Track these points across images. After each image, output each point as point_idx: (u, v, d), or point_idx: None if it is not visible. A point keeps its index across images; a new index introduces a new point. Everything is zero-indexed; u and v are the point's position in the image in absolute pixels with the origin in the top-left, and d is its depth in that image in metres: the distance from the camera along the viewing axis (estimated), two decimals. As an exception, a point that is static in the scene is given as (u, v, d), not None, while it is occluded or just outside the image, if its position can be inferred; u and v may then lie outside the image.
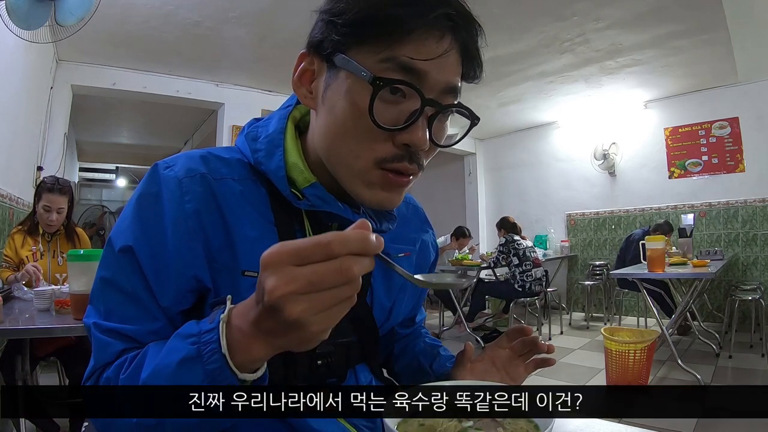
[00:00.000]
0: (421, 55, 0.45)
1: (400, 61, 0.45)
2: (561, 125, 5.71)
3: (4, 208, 2.58)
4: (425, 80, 0.46)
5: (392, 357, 0.76)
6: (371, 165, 0.48)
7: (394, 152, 0.48)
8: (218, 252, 0.50)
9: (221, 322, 0.39)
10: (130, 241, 0.49)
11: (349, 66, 0.46)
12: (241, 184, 0.53)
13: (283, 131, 0.55)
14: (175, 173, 0.51)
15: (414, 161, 0.49)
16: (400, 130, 0.46)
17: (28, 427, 1.76)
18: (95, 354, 0.48)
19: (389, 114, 0.46)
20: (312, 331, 0.34)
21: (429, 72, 0.46)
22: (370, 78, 0.45)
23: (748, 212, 4.46)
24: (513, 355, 0.63)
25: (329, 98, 0.49)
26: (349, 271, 0.33)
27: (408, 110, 0.46)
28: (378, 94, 0.45)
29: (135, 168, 8.43)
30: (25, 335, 1.54)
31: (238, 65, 3.94)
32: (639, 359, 2.66)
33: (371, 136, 0.47)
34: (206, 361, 0.39)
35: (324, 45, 0.48)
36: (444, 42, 0.46)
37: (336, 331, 0.57)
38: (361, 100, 0.46)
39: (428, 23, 0.45)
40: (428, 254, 0.73)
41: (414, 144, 0.47)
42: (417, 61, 0.45)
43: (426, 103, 0.46)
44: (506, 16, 3.17)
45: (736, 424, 2.20)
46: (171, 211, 0.49)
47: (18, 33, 2.07)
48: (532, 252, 4.11)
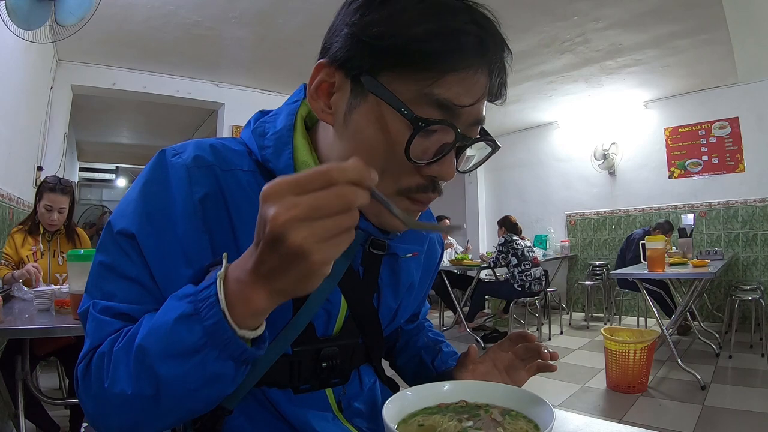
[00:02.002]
0: (461, 94, 0.44)
1: (438, 99, 0.43)
2: (561, 125, 5.71)
3: (4, 208, 2.58)
4: (460, 117, 0.45)
5: (395, 351, 0.76)
6: (393, 193, 0.48)
7: (419, 183, 0.47)
8: (222, 248, 0.49)
9: (218, 278, 0.38)
10: (133, 228, 0.46)
11: (383, 94, 0.44)
12: (248, 175, 0.52)
13: (291, 128, 0.54)
14: (184, 160, 0.49)
15: (437, 190, 0.49)
16: (429, 164, 0.46)
17: (28, 427, 1.76)
18: (91, 335, 0.45)
19: (419, 147, 0.45)
20: (314, 261, 0.33)
21: (465, 109, 0.45)
22: (411, 117, 0.43)
23: (748, 212, 4.46)
24: (515, 359, 0.63)
25: (355, 121, 0.47)
26: (348, 197, 0.32)
27: (438, 142, 0.46)
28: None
29: (135, 168, 8.44)
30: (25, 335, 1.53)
31: (238, 65, 3.94)
32: (639, 359, 2.66)
33: (400, 168, 0.46)
34: (204, 317, 0.37)
35: (352, 63, 0.46)
36: (482, 81, 0.45)
37: (341, 332, 0.57)
38: (396, 135, 0.44)
39: (470, 65, 0.44)
40: (435, 252, 0.73)
41: (443, 177, 0.47)
42: (456, 100, 0.44)
43: (459, 139, 0.45)
44: (506, 16, 3.11)
45: (736, 424, 2.20)
46: (180, 200, 0.47)
47: (18, 33, 2.07)
48: (530, 251, 4.11)
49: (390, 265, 0.61)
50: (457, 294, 4.64)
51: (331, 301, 0.55)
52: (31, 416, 1.84)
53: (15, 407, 1.72)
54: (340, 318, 0.57)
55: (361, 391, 0.61)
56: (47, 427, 1.92)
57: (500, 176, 6.45)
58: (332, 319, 0.56)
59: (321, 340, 0.55)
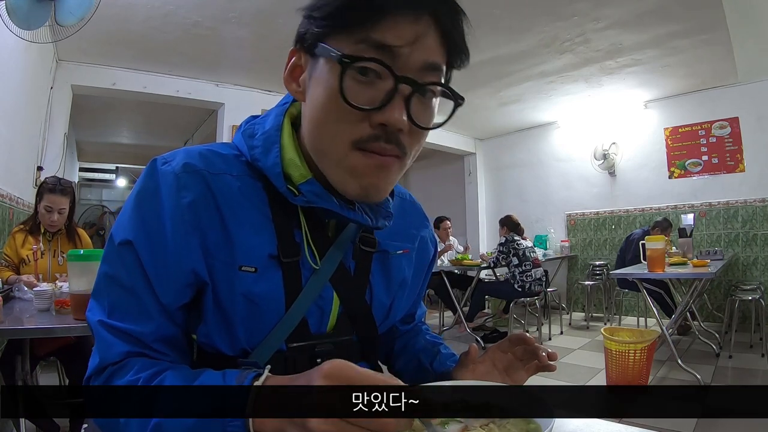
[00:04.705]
0: (395, 34, 0.45)
1: (373, 41, 0.45)
2: (561, 125, 5.71)
3: (4, 208, 2.58)
4: (399, 58, 0.45)
5: (393, 354, 0.76)
6: (348, 147, 0.48)
7: (369, 132, 0.47)
8: (215, 247, 0.51)
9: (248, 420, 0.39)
10: (130, 235, 0.50)
11: (326, 52, 0.47)
12: (239, 180, 0.53)
13: (279, 128, 0.55)
14: (173, 168, 0.51)
15: (392, 142, 0.47)
16: (375, 109, 0.46)
17: (28, 427, 1.76)
18: (100, 351, 0.49)
19: (365, 95, 0.46)
20: None
21: (403, 49, 0.45)
22: (337, 57, 0.45)
23: (748, 212, 4.46)
24: (514, 359, 0.63)
25: (312, 88, 0.50)
26: None
27: (384, 90, 0.46)
28: (350, 74, 0.45)
29: (135, 168, 8.43)
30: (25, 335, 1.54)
31: (238, 65, 3.93)
32: (639, 359, 2.66)
33: (348, 117, 0.47)
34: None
35: (306, 38, 0.49)
36: (420, 23, 0.46)
37: (335, 329, 0.57)
38: (334, 82, 0.46)
39: (402, 5, 0.45)
40: (427, 250, 0.73)
41: (390, 123, 0.46)
42: (390, 40, 0.45)
43: (399, 80, 0.45)
44: (506, 16, 3.17)
45: (736, 424, 2.20)
46: (169, 205, 0.50)
47: (18, 33, 2.07)
48: (531, 252, 4.10)
49: (381, 262, 0.62)
50: (457, 294, 4.64)
51: (324, 297, 0.56)
52: (31, 416, 1.84)
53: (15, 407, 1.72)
54: (333, 314, 0.57)
55: None
56: (47, 427, 1.92)
57: (500, 176, 6.45)
58: (325, 315, 0.57)
59: (315, 337, 0.56)
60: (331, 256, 0.56)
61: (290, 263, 0.53)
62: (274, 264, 0.52)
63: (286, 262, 0.53)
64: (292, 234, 0.54)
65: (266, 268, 0.52)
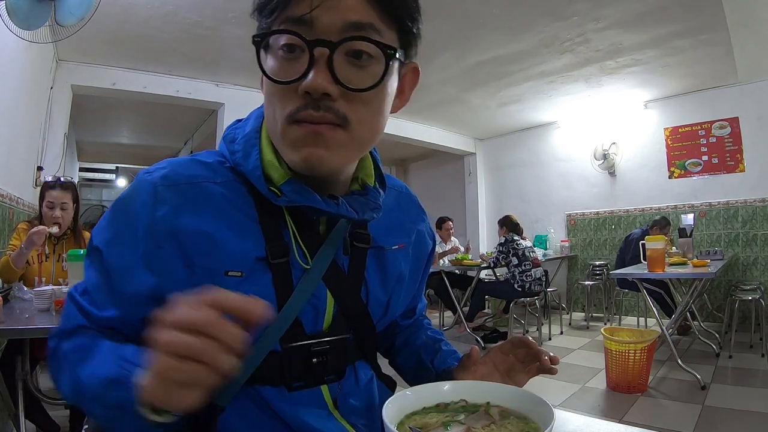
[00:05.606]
0: (306, 3, 0.46)
1: (288, 17, 0.46)
2: (561, 125, 5.71)
3: (4, 208, 2.58)
4: (314, 25, 0.46)
5: (394, 349, 0.76)
6: (285, 122, 0.48)
7: (299, 103, 0.47)
8: (198, 256, 0.50)
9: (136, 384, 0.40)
10: (100, 244, 0.52)
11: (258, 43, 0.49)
12: (223, 186, 0.53)
13: (258, 130, 0.56)
14: (152, 178, 0.52)
15: (320, 108, 0.47)
16: (298, 80, 0.46)
17: (28, 427, 1.76)
18: (62, 318, 0.54)
19: (293, 69, 0.47)
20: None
21: (316, 17, 0.46)
22: (252, 40, 0.47)
23: (748, 212, 4.46)
24: (515, 362, 0.63)
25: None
26: (214, 360, 0.35)
27: (305, 63, 0.46)
28: (277, 54, 0.48)
29: (135, 168, 8.43)
30: (25, 335, 1.54)
31: (238, 65, 3.93)
32: (639, 359, 2.66)
33: (280, 95, 0.48)
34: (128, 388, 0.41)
35: (253, 39, 0.50)
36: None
37: (331, 328, 0.57)
38: (262, 65, 0.49)
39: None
40: (425, 244, 0.72)
41: (310, 89, 0.45)
42: (300, 10, 0.46)
43: (311, 44, 0.45)
44: (506, 16, 3.17)
45: (736, 424, 2.20)
46: (142, 217, 0.50)
47: (18, 33, 2.07)
48: (531, 252, 4.10)
49: (376, 258, 0.61)
50: (457, 294, 4.64)
51: (317, 296, 0.55)
52: (31, 416, 1.84)
53: (15, 407, 1.72)
54: (328, 313, 0.57)
55: (358, 387, 0.60)
56: (47, 427, 1.92)
57: (500, 176, 6.46)
58: (320, 314, 0.56)
59: (311, 336, 0.55)
60: (323, 254, 0.55)
61: (280, 264, 0.53)
62: (263, 266, 0.52)
63: (275, 264, 0.52)
64: (280, 235, 0.54)
65: (253, 272, 0.52)
